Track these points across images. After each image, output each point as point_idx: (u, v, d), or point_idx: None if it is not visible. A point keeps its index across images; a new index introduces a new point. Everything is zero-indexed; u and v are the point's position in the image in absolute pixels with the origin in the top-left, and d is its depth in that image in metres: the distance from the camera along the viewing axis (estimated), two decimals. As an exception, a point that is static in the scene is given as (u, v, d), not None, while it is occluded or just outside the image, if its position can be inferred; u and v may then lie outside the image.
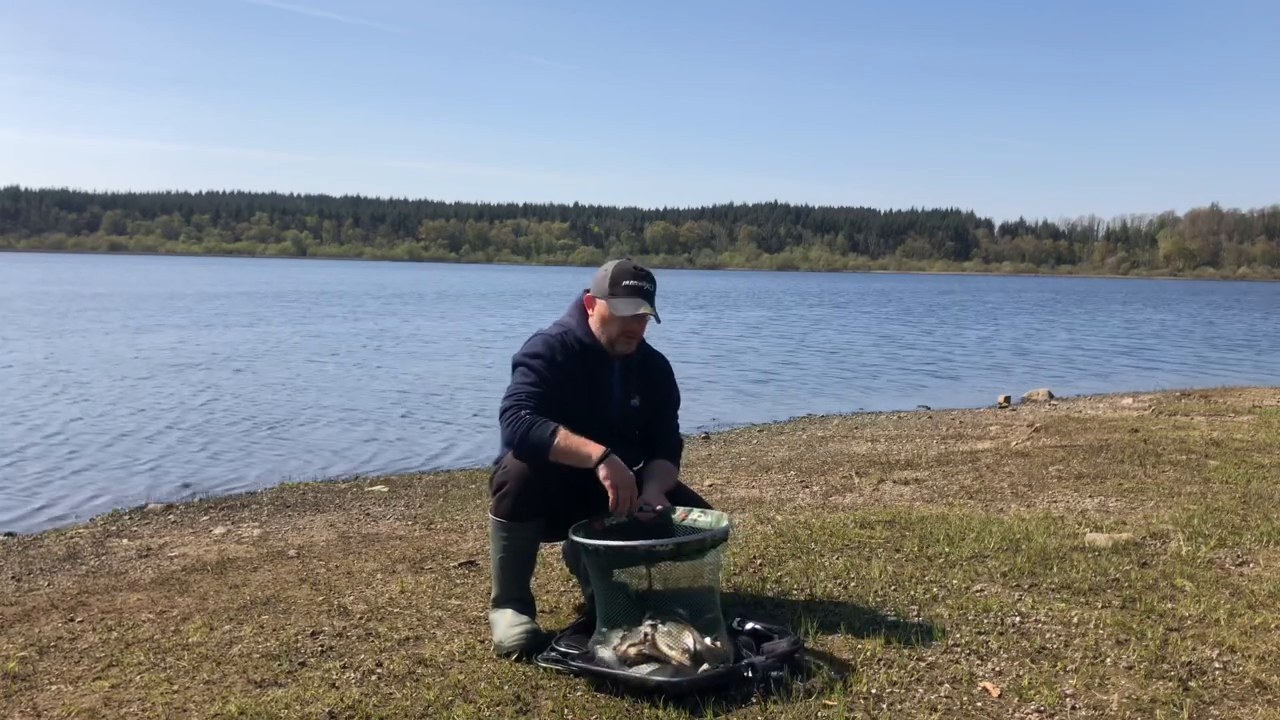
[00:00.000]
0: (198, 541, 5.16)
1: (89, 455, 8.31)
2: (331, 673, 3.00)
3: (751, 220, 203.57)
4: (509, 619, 3.18)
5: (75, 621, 3.64)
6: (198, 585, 4.12)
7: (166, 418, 10.23)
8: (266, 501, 6.48)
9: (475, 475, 7.44)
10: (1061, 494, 5.58)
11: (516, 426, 3.12)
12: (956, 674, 2.91)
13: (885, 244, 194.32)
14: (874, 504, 5.51)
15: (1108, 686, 2.82)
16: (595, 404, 3.31)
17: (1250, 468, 6.20)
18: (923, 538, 4.40)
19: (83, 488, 7.14)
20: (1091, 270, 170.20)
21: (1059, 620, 3.35)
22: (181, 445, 8.83)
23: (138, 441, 8.94)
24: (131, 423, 9.89)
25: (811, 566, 4.00)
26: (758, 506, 5.52)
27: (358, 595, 3.85)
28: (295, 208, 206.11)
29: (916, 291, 70.42)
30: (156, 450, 8.58)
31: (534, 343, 3.32)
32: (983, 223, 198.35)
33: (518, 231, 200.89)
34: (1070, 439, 8.01)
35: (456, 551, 4.59)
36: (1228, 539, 4.37)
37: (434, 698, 2.79)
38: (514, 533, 3.23)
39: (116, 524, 5.82)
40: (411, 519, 5.66)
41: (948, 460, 7.08)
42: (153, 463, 8.08)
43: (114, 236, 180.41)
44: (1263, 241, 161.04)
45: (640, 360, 3.45)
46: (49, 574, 4.53)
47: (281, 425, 10.00)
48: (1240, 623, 3.31)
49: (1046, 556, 4.08)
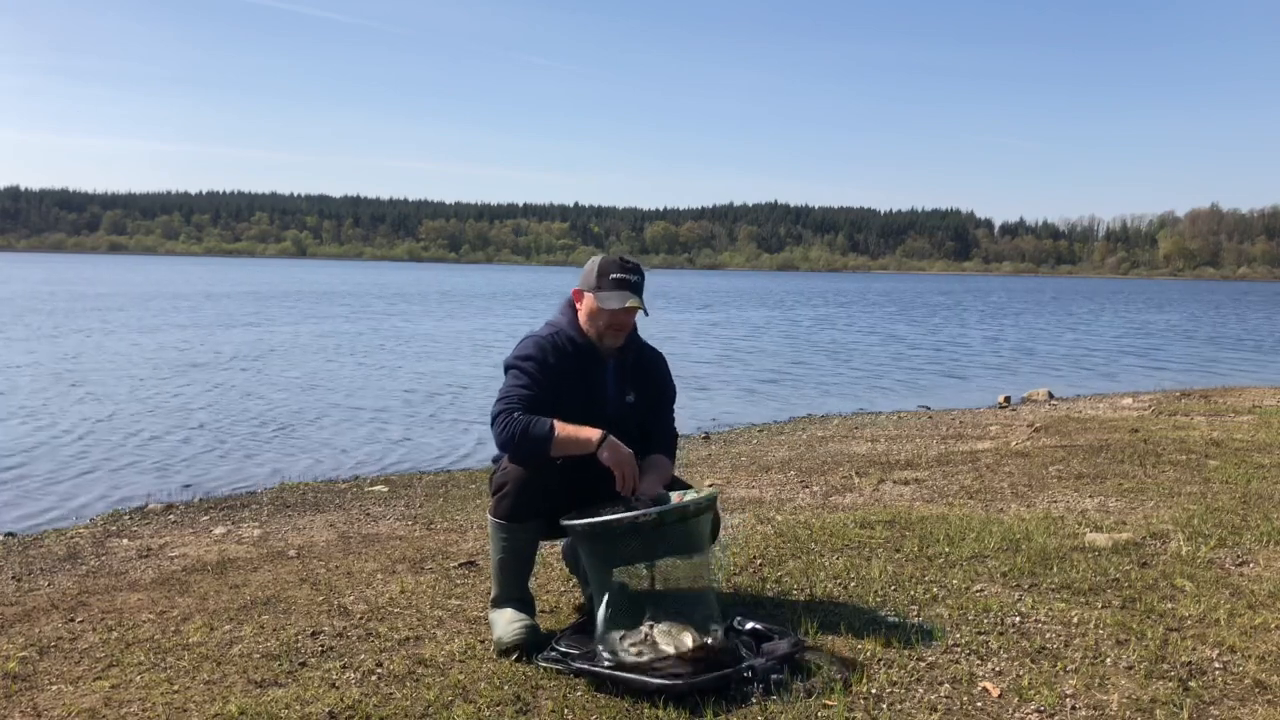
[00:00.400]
0: (198, 541, 5.16)
1: (89, 455, 8.31)
2: (331, 673, 3.00)
3: (751, 220, 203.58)
4: (508, 619, 3.18)
5: (75, 621, 3.64)
6: (198, 585, 4.12)
7: (167, 418, 10.23)
8: (266, 501, 6.48)
9: (475, 475, 7.44)
10: (1061, 494, 5.58)
11: (512, 429, 3.12)
12: (956, 674, 2.91)
13: (885, 244, 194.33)
14: (874, 504, 5.51)
15: (1108, 686, 2.82)
16: (590, 402, 3.31)
17: (1250, 468, 6.20)
18: (923, 538, 4.40)
19: (83, 488, 7.15)
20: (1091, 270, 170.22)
21: (1059, 620, 3.35)
22: (182, 445, 8.83)
23: (138, 441, 8.94)
24: (132, 423, 9.89)
25: (811, 566, 4.00)
26: (758, 506, 5.52)
27: (358, 595, 3.85)
28: (295, 208, 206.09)
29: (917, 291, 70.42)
30: (157, 450, 8.58)
31: (525, 345, 3.32)
32: (983, 223, 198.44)
33: (518, 231, 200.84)
34: (1070, 439, 8.01)
35: (456, 551, 4.59)
36: (1228, 539, 4.37)
37: (434, 698, 2.79)
38: (513, 533, 3.23)
39: (116, 524, 5.82)
40: (411, 519, 5.66)
41: (948, 460, 7.08)
42: (153, 463, 8.08)
43: (114, 236, 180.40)
44: (1263, 241, 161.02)
45: (634, 356, 3.45)
46: (49, 574, 4.53)
47: (282, 425, 10.00)
48: (1240, 623, 3.31)
49: (1046, 556, 4.08)
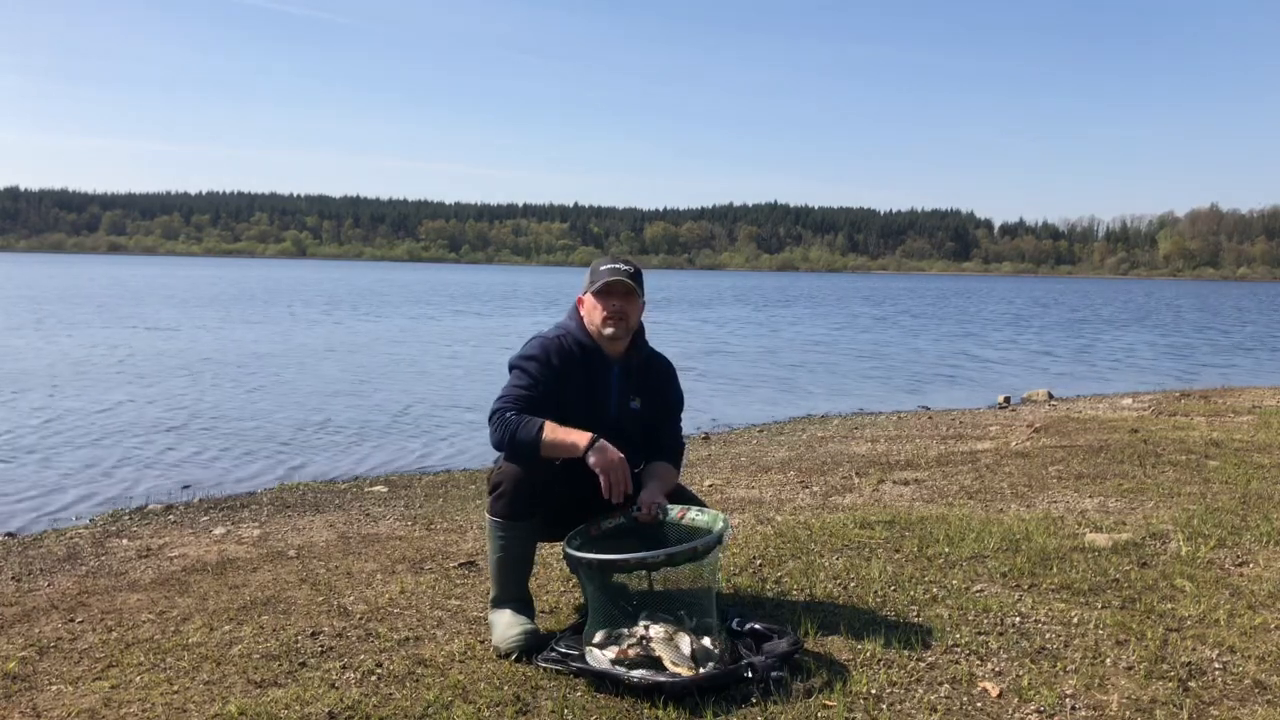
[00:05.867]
0: (198, 542, 5.16)
1: (89, 455, 8.30)
2: (331, 673, 3.00)
3: (751, 220, 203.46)
4: (508, 620, 3.18)
5: (75, 622, 3.64)
6: (198, 585, 4.12)
7: (167, 418, 10.23)
8: (266, 502, 6.48)
9: (475, 475, 7.44)
10: (1061, 494, 5.58)
11: (504, 428, 3.14)
12: (956, 674, 2.91)
13: (885, 244, 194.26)
14: (874, 504, 5.51)
15: (1108, 687, 2.82)
16: (594, 406, 3.31)
17: (1250, 468, 6.20)
18: (922, 538, 4.40)
19: (83, 488, 7.14)
20: (1091, 270, 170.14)
21: (1059, 620, 3.35)
22: (182, 445, 8.82)
23: (138, 441, 8.94)
24: (132, 422, 9.89)
25: (811, 567, 4.00)
26: (758, 507, 5.52)
27: (358, 595, 3.85)
28: (295, 208, 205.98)
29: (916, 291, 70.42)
30: (157, 450, 8.57)
31: (530, 345, 3.34)
32: (982, 223, 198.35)
33: (517, 232, 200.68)
34: (1070, 439, 8.01)
35: (456, 552, 4.59)
36: (1228, 539, 4.37)
37: (434, 698, 2.79)
38: (511, 532, 3.23)
39: (116, 524, 5.82)
40: (411, 519, 5.65)
41: (948, 460, 7.08)
42: (153, 463, 8.08)
43: (113, 237, 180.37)
44: (1262, 242, 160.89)
45: (641, 362, 3.45)
46: (49, 574, 4.53)
47: (282, 425, 9.99)
48: (1240, 623, 3.31)
49: (1046, 557, 4.08)
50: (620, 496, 3.08)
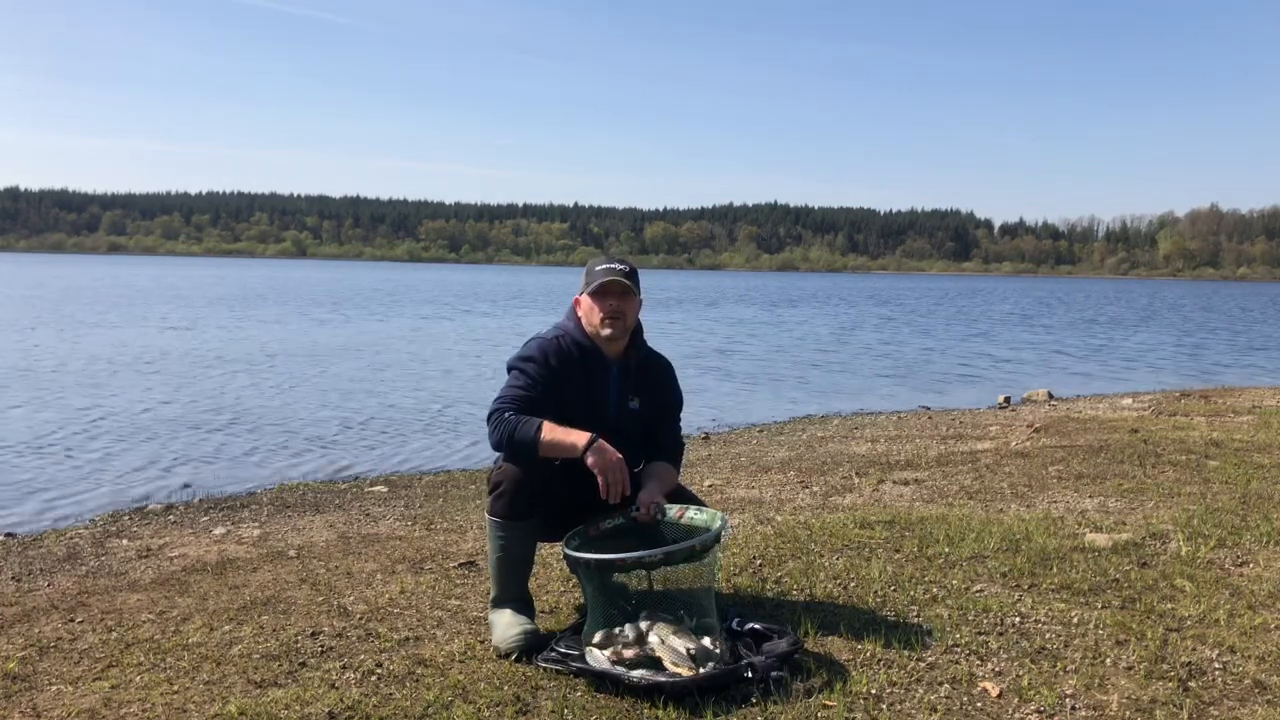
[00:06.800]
0: (198, 542, 5.16)
1: (89, 455, 8.30)
2: (331, 673, 3.00)
3: (751, 220, 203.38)
4: (508, 620, 3.18)
5: (75, 622, 3.64)
6: (198, 585, 4.12)
7: (168, 418, 10.23)
8: (266, 502, 6.48)
9: (475, 475, 7.44)
10: (1061, 494, 5.58)
11: (503, 428, 3.14)
12: (956, 674, 2.91)
13: (885, 244, 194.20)
14: (874, 504, 5.51)
15: (1108, 687, 2.82)
16: (593, 406, 3.31)
17: (1250, 468, 6.20)
18: (922, 538, 4.40)
19: (82, 488, 7.14)
20: (1091, 270, 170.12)
21: (1059, 620, 3.35)
22: (182, 445, 8.82)
23: (138, 441, 8.94)
24: (132, 422, 9.89)
25: (811, 567, 4.00)
26: (757, 507, 5.52)
27: (358, 595, 3.85)
28: (295, 208, 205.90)
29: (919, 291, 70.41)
30: (157, 450, 8.57)
31: (529, 346, 3.34)
32: (982, 223, 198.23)
33: (517, 232, 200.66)
34: (1070, 439, 8.01)
35: (456, 552, 4.59)
36: (1228, 539, 4.37)
37: (434, 698, 2.79)
38: (510, 531, 3.23)
39: (116, 524, 5.82)
40: (411, 519, 5.65)
41: (948, 460, 7.08)
42: (153, 463, 8.08)
43: (113, 237, 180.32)
44: (1262, 242, 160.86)
45: (640, 362, 3.45)
46: (49, 574, 4.53)
47: (282, 425, 9.99)
48: (1240, 623, 3.31)
49: (1046, 557, 4.08)
50: (618, 497, 3.08)
